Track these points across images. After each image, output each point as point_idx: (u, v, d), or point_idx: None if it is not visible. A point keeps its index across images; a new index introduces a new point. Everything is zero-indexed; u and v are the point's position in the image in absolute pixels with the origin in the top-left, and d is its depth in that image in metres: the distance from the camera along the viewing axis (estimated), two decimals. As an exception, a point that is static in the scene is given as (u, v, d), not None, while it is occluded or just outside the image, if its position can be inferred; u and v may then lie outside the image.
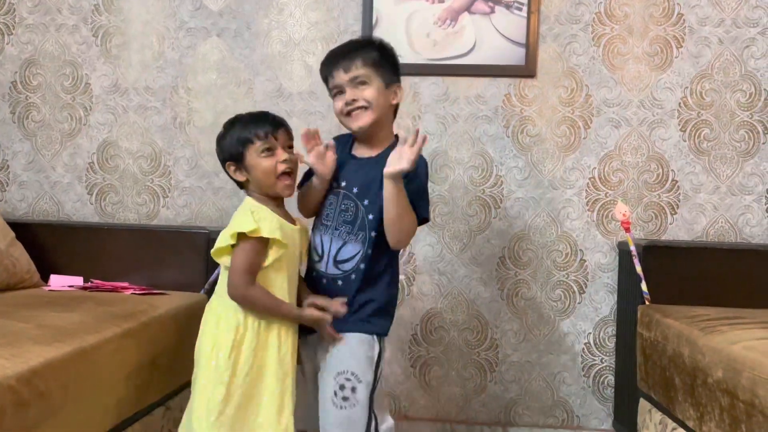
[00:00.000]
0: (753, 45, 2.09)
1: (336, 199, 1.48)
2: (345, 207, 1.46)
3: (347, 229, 1.45)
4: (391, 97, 1.47)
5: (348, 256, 1.44)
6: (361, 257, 1.43)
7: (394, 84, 1.47)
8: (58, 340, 1.28)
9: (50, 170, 2.23)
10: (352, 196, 1.45)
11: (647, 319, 1.81)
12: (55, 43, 2.23)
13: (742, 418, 1.29)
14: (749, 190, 2.10)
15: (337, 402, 1.37)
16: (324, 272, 1.46)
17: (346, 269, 1.44)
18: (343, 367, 1.38)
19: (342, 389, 1.37)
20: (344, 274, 1.44)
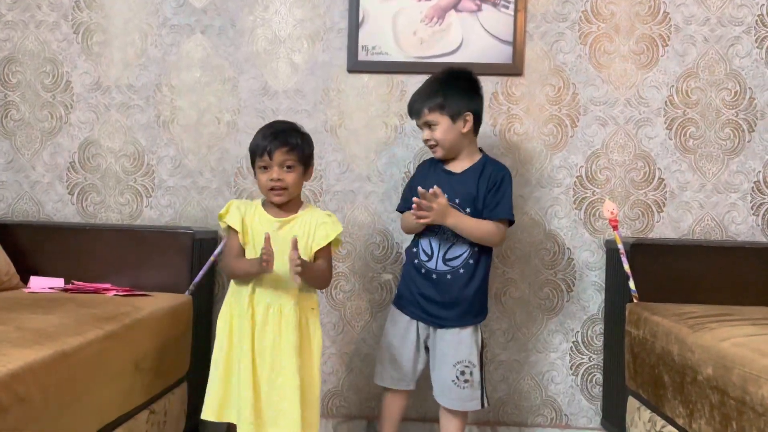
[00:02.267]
0: (738, 43, 2.10)
1: None
2: None
3: (453, 233, 1.74)
4: (460, 127, 1.76)
5: (456, 254, 1.76)
6: (468, 255, 1.75)
7: (461, 116, 1.76)
8: (38, 342, 1.25)
9: (30, 170, 2.19)
10: (456, 206, 1.75)
11: (635, 317, 1.81)
12: (35, 40, 2.19)
13: (732, 415, 1.28)
14: (735, 187, 2.11)
15: (460, 384, 1.73)
16: (434, 269, 1.77)
17: (454, 265, 1.76)
18: (461, 357, 1.74)
19: (462, 374, 1.74)
20: (453, 270, 1.75)
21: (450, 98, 1.76)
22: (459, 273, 1.75)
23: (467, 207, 1.76)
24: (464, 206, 1.76)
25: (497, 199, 1.75)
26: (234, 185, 2.16)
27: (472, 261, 1.75)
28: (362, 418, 2.13)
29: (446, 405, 1.77)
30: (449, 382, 1.74)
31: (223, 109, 2.16)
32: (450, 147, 1.78)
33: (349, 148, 2.14)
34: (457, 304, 1.74)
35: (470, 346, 1.75)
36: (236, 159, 2.16)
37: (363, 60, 2.12)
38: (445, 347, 1.75)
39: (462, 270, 1.75)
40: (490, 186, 1.76)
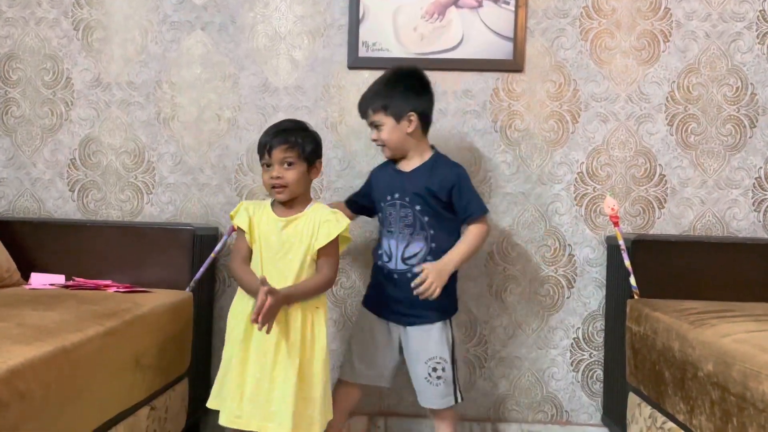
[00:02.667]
0: (739, 39, 2.09)
1: (394, 209, 1.79)
2: (404, 214, 1.78)
3: (409, 231, 1.77)
4: (405, 127, 1.77)
5: (413, 252, 1.76)
6: (425, 252, 1.75)
7: (405, 116, 1.76)
8: (39, 339, 1.25)
9: (31, 167, 2.19)
10: (407, 204, 1.78)
11: (636, 313, 1.80)
12: (35, 36, 2.18)
13: (733, 411, 1.28)
14: (736, 184, 2.10)
15: (432, 381, 1.75)
16: (395, 269, 1.77)
17: (413, 263, 1.75)
18: (432, 354, 1.75)
19: (434, 371, 1.75)
20: (412, 268, 1.74)
21: (393, 99, 1.76)
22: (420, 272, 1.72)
23: (417, 204, 1.76)
24: (414, 203, 1.76)
25: (465, 201, 1.76)
26: (235, 182, 2.16)
27: (430, 257, 1.74)
28: (363, 414, 2.13)
29: (424, 404, 1.79)
30: (423, 380, 1.76)
31: (223, 106, 2.16)
32: (396, 147, 1.79)
33: (349, 145, 2.14)
34: (421, 302, 1.70)
35: (440, 342, 1.75)
36: (237, 156, 2.15)
37: (363, 56, 2.12)
38: (415, 345, 1.77)
39: None
40: (447, 190, 1.75)
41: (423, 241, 1.76)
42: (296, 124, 1.66)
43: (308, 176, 1.63)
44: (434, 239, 1.75)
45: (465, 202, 1.76)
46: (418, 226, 1.77)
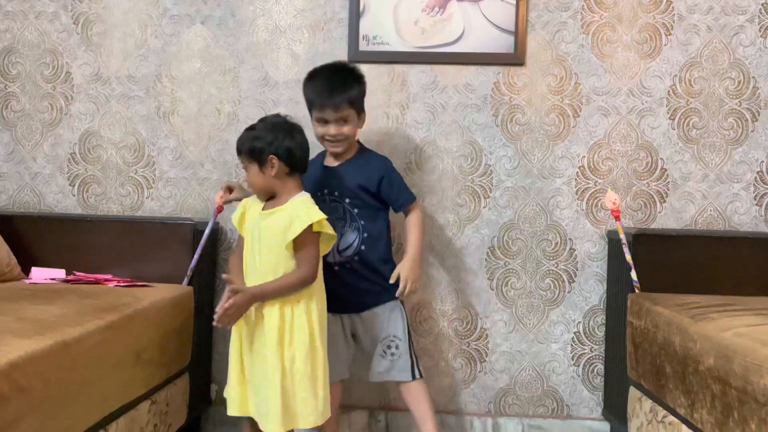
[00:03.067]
0: (741, 32, 2.08)
1: (324, 204, 1.77)
2: (334, 207, 1.80)
3: (341, 224, 1.79)
4: (360, 124, 1.83)
5: (347, 244, 1.80)
6: (358, 242, 1.79)
7: (362, 114, 1.83)
8: (39, 333, 1.25)
9: (31, 161, 2.19)
10: (336, 199, 1.81)
11: (637, 307, 1.80)
12: (34, 30, 2.18)
13: (734, 405, 1.28)
14: (738, 178, 2.10)
15: (387, 357, 1.80)
16: (334, 262, 1.79)
17: (348, 255, 1.79)
18: (385, 333, 1.81)
19: (389, 348, 1.81)
20: (348, 259, 1.79)
21: (360, 95, 1.81)
22: (354, 260, 1.79)
23: (346, 198, 1.80)
24: (343, 198, 1.81)
25: (396, 191, 1.82)
26: (235, 176, 2.15)
27: (363, 246, 1.79)
28: (363, 408, 2.13)
29: (375, 379, 1.83)
30: (378, 357, 1.81)
31: (223, 100, 2.15)
32: (352, 142, 1.84)
33: (350, 139, 2.13)
34: (364, 289, 1.79)
35: (392, 321, 1.81)
36: (237, 150, 2.15)
37: (364, 50, 2.11)
38: (369, 329, 1.82)
39: (357, 257, 1.79)
40: (377, 183, 1.80)
41: (355, 232, 1.80)
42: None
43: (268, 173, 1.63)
44: (365, 229, 1.80)
45: (396, 192, 1.83)
46: (349, 218, 1.81)
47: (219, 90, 2.15)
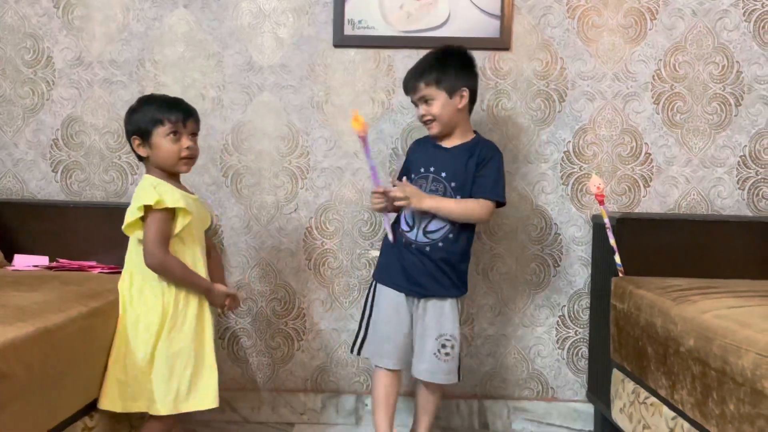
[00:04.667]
0: (726, 17, 2.09)
1: (426, 182, 1.79)
2: (435, 188, 1.77)
3: None
4: (456, 103, 1.77)
5: (436, 228, 1.76)
6: (449, 229, 1.75)
7: (458, 92, 1.76)
8: (21, 320, 1.24)
9: (13, 147, 2.16)
10: (441, 179, 1.77)
11: (620, 290, 1.82)
12: (14, 14, 2.14)
13: (713, 386, 1.30)
14: (721, 162, 2.11)
15: (441, 357, 1.74)
16: (414, 240, 1.76)
17: (434, 238, 1.75)
18: (444, 331, 1.75)
19: (444, 347, 1.75)
20: (433, 242, 1.75)
21: (446, 73, 1.76)
22: (438, 246, 1.75)
23: (453, 181, 1.76)
24: (449, 180, 1.77)
25: (483, 176, 1.76)
26: (220, 162, 2.14)
27: (451, 235, 1.75)
28: (351, 393, 2.14)
29: (426, 378, 1.76)
30: (431, 355, 1.75)
31: (207, 85, 2.13)
32: (446, 122, 1.78)
33: (336, 124, 2.13)
34: (435, 277, 1.74)
35: (452, 320, 1.76)
36: (222, 135, 2.13)
37: (349, 34, 2.10)
38: (428, 319, 1.76)
39: (441, 243, 1.75)
40: (477, 164, 1.77)
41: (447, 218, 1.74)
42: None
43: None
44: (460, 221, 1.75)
45: (483, 178, 1.75)
46: None
47: (203, 75, 2.13)
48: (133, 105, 1.62)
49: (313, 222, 2.14)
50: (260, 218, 2.13)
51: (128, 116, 1.61)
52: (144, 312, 1.51)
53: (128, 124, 1.60)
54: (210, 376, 1.54)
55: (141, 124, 1.57)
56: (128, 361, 1.49)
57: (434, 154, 1.81)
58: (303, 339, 2.15)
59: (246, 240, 2.14)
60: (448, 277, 1.75)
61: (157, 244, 1.50)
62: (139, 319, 1.51)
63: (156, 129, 1.56)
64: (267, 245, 2.14)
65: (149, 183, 1.55)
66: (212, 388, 1.54)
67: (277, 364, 2.16)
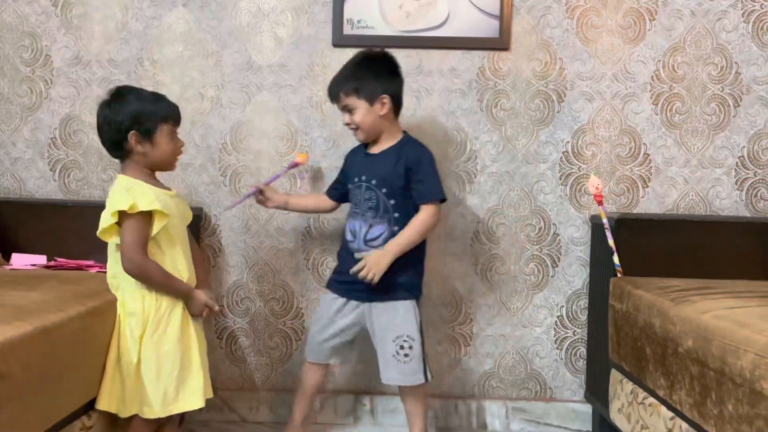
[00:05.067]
0: (725, 18, 2.09)
1: (360, 191, 1.81)
2: (368, 197, 1.79)
3: (372, 214, 1.79)
4: (378, 110, 1.77)
5: (375, 235, 1.78)
6: (387, 235, 1.76)
7: (378, 99, 1.77)
8: (19, 319, 1.24)
9: (10, 146, 2.15)
10: (373, 187, 1.79)
11: (619, 291, 1.82)
12: (12, 13, 2.14)
13: (711, 386, 1.30)
14: (719, 163, 2.11)
15: (400, 359, 1.75)
16: (357, 249, 1.79)
17: (374, 246, 1.77)
18: (400, 332, 1.76)
19: (402, 348, 1.75)
20: (374, 249, 1.76)
21: (365, 81, 1.77)
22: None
23: (383, 188, 1.78)
24: (380, 187, 1.78)
25: (420, 182, 1.77)
26: (218, 161, 2.14)
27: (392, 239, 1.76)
28: (349, 393, 2.14)
29: (392, 382, 1.79)
30: (391, 358, 1.77)
31: (206, 84, 2.13)
32: (370, 130, 1.80)
33: (334, 124, 2.12)
34: (384, 280, 1.72)
35: (408, 321, 1.77)
36: (221, 135, 2.13)
37: (348, 34, 2.09)
38: (382, 323, 1.78)
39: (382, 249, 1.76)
40: (408, 169, 1.77)
41: (385, 224, 1.77)
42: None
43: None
44: (397, 222, 1.77)
45: (420, 183, 1.77)
46: (382, 209, 1.78)
47: (202, 74, 2.13)
48: (121, 97, 1.54)
49: (312, 222, 2.14)
50: (259, 218, 2.13)
51: (121, 109, 1.52)
52: (125, 316, 1.50)
53: (124, 118, 1.52)
54: (197, 377, 1.53)
55: (144, 121, 1.52)
56: (120, 364, 1.49)
57: (365, 162, 1.84)
58: (301, 339, 2.15)
59: (244, 240, 2.14)
60: (396, 281, 1.75)
61: (134, 248, 1.47)
62: (123, 323, 1.51)
63: (161, 127, 1.55)
64: (265, 245, 2.14)
65: (122, 186, 1.52)
66: (199, 388, 1.53)
67: (276, 364, 2.15)
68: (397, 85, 1.82)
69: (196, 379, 1.53)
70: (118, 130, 1.53)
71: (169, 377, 1.49)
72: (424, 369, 1.78)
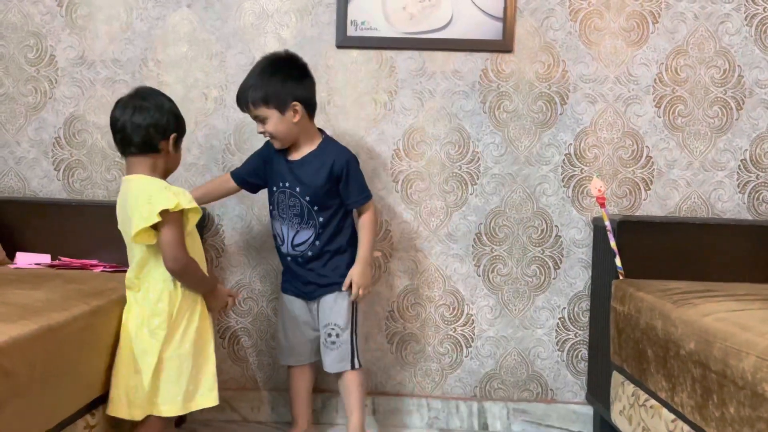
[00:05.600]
0: (728, 21, 2.09)
1: (284, 197, 1.82)
2: (292, 203, 1.81)
3: (297, 220, 1.81)
4: (290, 118, 1.74)
5: (301, 240, 1.82)
6: (313, 239, 1.81)
7: (288, 107, 1.73)
8: (24, 317, 1.24)
9: (15, 145, 2.16)
10: (296, 194, 1.79)
11: (621, 293, 1.82)
12: (17, 12, 2.15)
13: (713, 388, 1.31)
14: (722, 166, 2.12)
15: (328, 346, 1.83)
16: (287, 253, 1.85)
17: (301, 250, 1.82)
18: (328, 321, 1.83)
19: (329, 336, 1.83)
20: (302, 253, 1.82)
21: (272, 89, 1.72)
22: (308, 255, 1.82)
23: (306, 195, 1.79)
24: (303, 195, 1.79)
25: (351, 188, 1.80)
26: (222, 162, 2.14)
27: (318, 242, 1.81)
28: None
29: (325, 368, 1.86)
30: (323, 346, 1.85)
31: (210, 85, 2.14)
32: (285, 138, 1.77)
33: (337, 125, 2.13)
34: (316, 279, 1.82)
35: (337, 311, 1.82)
36: (224, 135, 2.14)
37: (352, 35, 2.10)
38: (320, 315, 1.86)
39: (310, 252, 1.82)
40: (336, 177, 1.78)
41: (311, 229, 1.81)
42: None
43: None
44: (322, 226, 1.81)
45: (351, 190, 1.80)
46: (307, 215, 1.80)
47: (206, 74, 2.13)
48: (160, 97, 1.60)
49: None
50: (262, 218, 2.13)
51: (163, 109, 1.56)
52: (146, 317, 1.50)
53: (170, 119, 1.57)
54: (212, 374, 1.56)
55: (180, 126, 1.60)
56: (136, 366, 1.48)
57: (286, 168, 1.81)
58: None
59: (247, 240, 2.14)
60: (327, 276, 1.82)
61: (179, 246, 1.48)
62: (144, 323, 1.49)
63: (182, 137, 1.63)
64: (268, 245, 2.14)
65: (160, 186, 1.51)
66: (214, 386, 1.55)
67: (277, 364, 2.16)
68: (307, 88, 1.78)
69: (212, 376, 1.55)
70: (160, 130, 1.55)
71: (188, 375, 1.51)
72: (352, 356, 1.83)
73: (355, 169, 1.82)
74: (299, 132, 1.78)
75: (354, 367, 1.83)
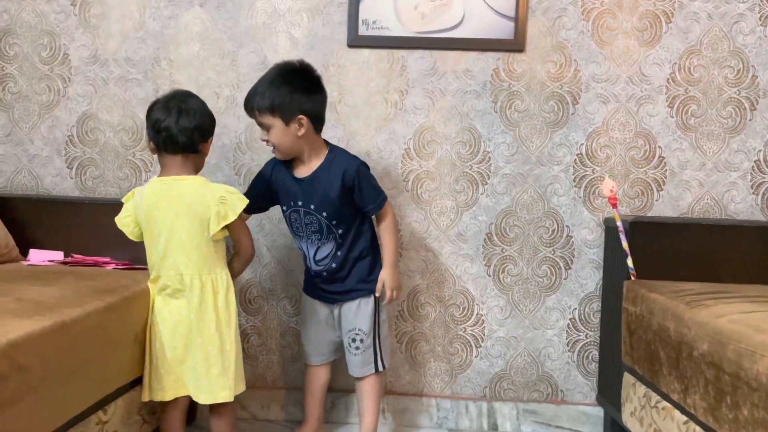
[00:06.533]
0: (742, 21, 2.08)
1: (298, 216, 1.80)
2: (309, 221, 1.80)
3: (317, 237, 1.80)
4: (295, 131, 1.71)
5: (323, 255, 1.83)
6: (335, 250, 1.81)
7: (294, 119, 1.70)
8: (38, 314, 1.25)
9: (28, 143, 2.18)
10: (311, 212, 1.78)
11: (633, 294, 1.81)
12: (32, 12, 2.16)
13: (727, 390, 1.30)
14: (735, 166, 2.10)
15: (352, 351, 1.84)
16: (311, 268, 1.86)
17: (325, 264, 1.83)
18: (352, 326, 1.84)
19: (354, 341, 1.84)
20: (326, 267, 1.83)
21: (281, 99, 1.68)
22: (332, 267, 1.83)
23: (323, 212, 1.77)
24: (319, 211, 1.77)
25: (366, 196, 1.79)
26: (233, 160, 2.15)
27: (339, 253, 1.81)
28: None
29: (350, 372, 1.88)
30: (346, 350, 1.87)
31: (222, 84, 2.14)
32: (288, 150, 1.74)
33: (348, 124, 2.13)
34: (341, 288, 1.84)
35: (361, 316, 1.83)
36: (235, 134, 2.15)
37: (363, 35, 2.10)
38: (343, 321, 1.87)
39: (333, 264, 1.82)
40: (349, 187, 1.76)
41: (332, 243, 1.81)
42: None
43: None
44: (342, 236, 1.81)
45: (366, 197, 1.79)
46: (326, 230, 1.79)
47: (217, 73, 2.14)
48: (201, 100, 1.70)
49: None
50: (272, 217, 2.14)
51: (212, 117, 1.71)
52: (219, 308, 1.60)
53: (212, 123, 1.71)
54: None
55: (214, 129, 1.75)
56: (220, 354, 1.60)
57: (294, 186, 1.78)
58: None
59: (258, 238, 2.15)
60: (352, 283, 1.83)
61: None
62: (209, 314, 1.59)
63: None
64: (278, 244, 2.15)
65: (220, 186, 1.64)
66: None
67: (287, 363, 2.16)
68: (315, 102, 1.74)
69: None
70: (204, 133, 1.67)
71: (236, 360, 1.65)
72: (376, 360, 1.84)
73: (366, 176, 1.80)
74: (304, 145, 1.75)
75: (378, 369, 1.85)
